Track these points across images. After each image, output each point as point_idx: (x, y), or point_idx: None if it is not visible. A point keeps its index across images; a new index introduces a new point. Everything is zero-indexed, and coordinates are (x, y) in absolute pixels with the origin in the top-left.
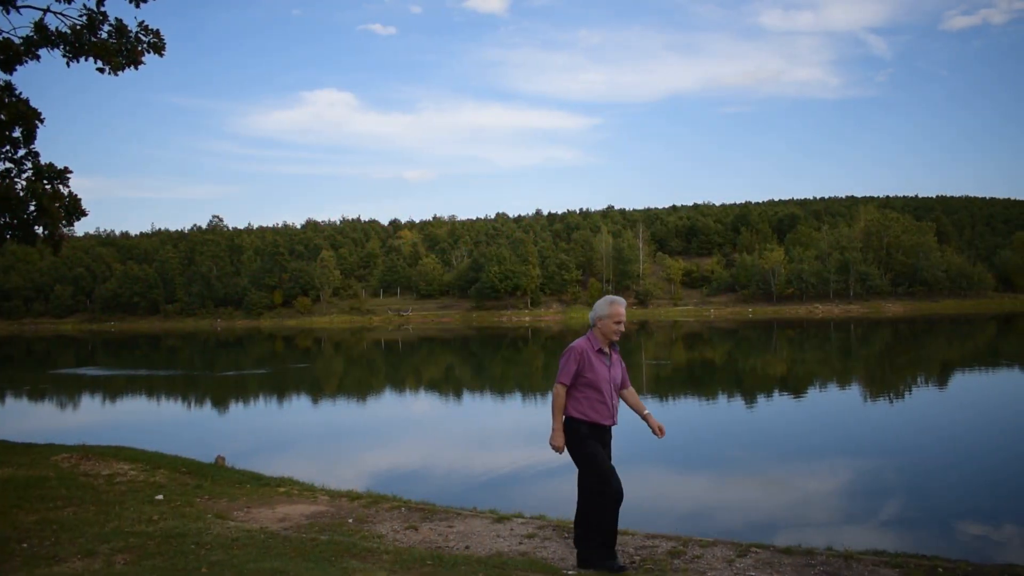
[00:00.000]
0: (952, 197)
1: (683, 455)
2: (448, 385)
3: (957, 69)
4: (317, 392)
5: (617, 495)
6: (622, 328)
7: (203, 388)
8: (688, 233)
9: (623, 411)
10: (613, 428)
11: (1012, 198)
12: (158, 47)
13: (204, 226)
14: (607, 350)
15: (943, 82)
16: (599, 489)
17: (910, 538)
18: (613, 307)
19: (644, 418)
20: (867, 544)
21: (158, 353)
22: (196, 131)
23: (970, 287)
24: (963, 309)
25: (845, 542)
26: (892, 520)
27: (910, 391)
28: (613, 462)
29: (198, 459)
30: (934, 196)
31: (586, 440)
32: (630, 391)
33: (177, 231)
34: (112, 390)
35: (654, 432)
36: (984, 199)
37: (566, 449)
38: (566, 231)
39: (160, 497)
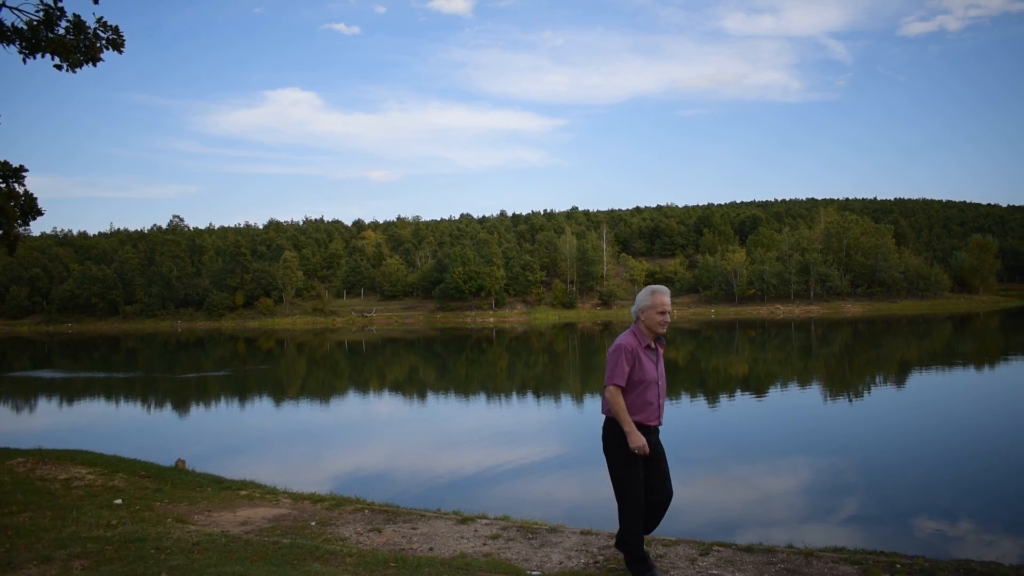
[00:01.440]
0: (910, 200)
1: None
2: (412, 386)
3: (915, 74)
4: (279, 394)
5: (642, 513)
6: (667, 319)
7: (163, 390)
8: (651, 234)
9: (684, 411)
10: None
11: (968, 201)
12: (117, 44)
13: (164, 226)
14: (654, 345)
15: (901, 87)
16: (625, 503)
17: (869, 535)
18: (656, 297)
19: None
20: (827, 541)
21: (117, 355)
22: (156, 130)
23: (927, 288)
24: (920, 309)
25: (806, 540)
26: (852, 517)
27: (869, 391)
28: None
29: (158, 463)
30: (892, 199)
31: (626, 450)
32: None
33: (137, 231)
34: (70, 393)
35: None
36: (941, 202)
37: (605, 452)
38: (530, 232)
39: (119, 501)
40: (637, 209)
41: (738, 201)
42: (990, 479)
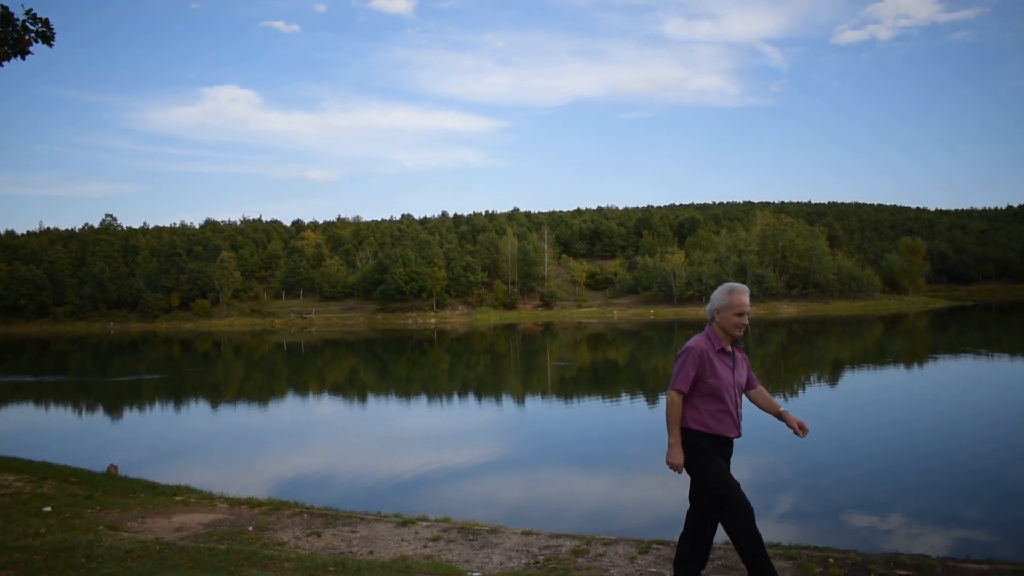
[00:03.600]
0: (843, 203)
1: (587, 454)
2: (352, 388)
3: (847, 81)
4: (216, 397)
5: (750, 510)
6: (746, 321)
7: (95, 394)
8: (592, 236)
9: (625, 411)
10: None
11: (898, 205)
12: (47, 37)
13: (96, 225)
14: (730, 348)
15: (834, 93)
16: (731, 508)
17: (803, 530)
18: (734, 296)
19: (780, 416)
20: (763, 537)
21: (46, 358)
22: (88, 126)
23: (859, 289)
24: (853, 310)
25: None
26: (786, 514)
27: (803, 389)
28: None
29: (89, 469)
30: (826, 202)
31: (707, 453)
32: (758, 391)
33: (67, 230)
34: None
35: (794, 431)
36: (872, 205)
37: (685, 468)
38: (472, 233)
39: (48, 509)
40: (578, 211)
41: (677, 203)
42: (920, 474)
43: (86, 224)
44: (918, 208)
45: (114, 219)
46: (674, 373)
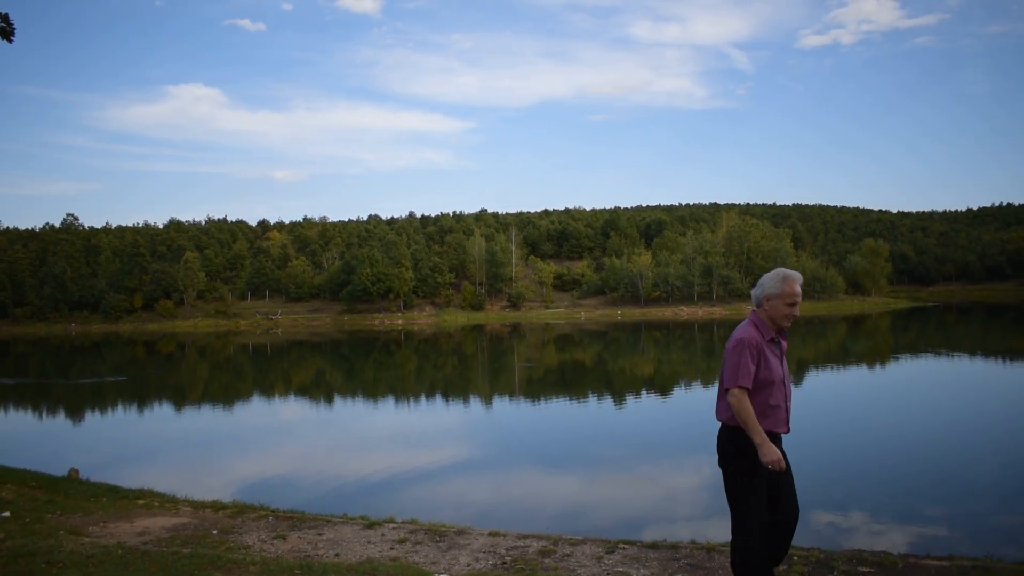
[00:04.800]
0: (807, 205)
1: (554, 455)
2: (319, 390)
3: (811, 84)
4: (180, 400)
5: (756, 554)
6: (797, 312)
7: (56, 397)
8: (559, 237)
9: (592, 411)
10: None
11: (861, 207)
12: (6, 32)
13: (57, 225)
14: (777, 338)
15: (799, 96)
16: (738, 537)
17: None
18: (788, 284)
19: None
20: (728, 536)
21: (6, 360)
22: (50, 124)
23: (823, 290)
24: (817, 311)
25: (708, 535)
26: None
27: None
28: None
29: (49, 473)
30: (790, 204)
31: (747, 464)
32: None
33: (27, 230)
34: None
35: None
36: (836, 207)
37: (720, 465)
38: (439, 234)
39: (6, 514)
40: (545, 212)
41: (644, 205)
42: (881, 472)
43: (47, 224)
44: (880, 210)
45: (75, 219)
46: (731, 368)
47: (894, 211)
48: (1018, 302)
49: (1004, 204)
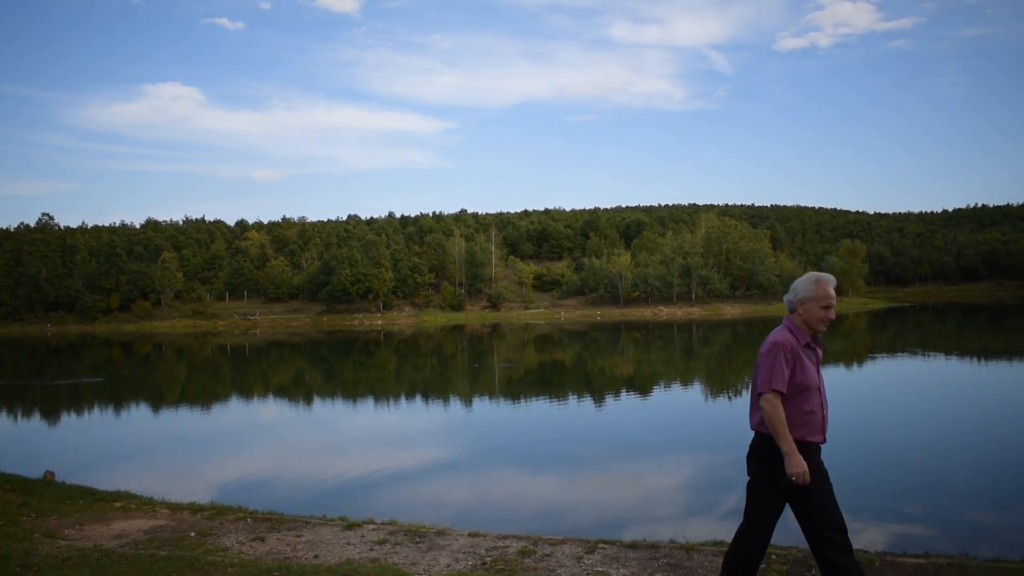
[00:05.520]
0: (785, 206)
1: (534, 455)
2: (298, 391)
3: (789, 86)
4: (157, 401)
5: (753, 560)
6: (832, 315)
7: (31, 399)
8: (539, 237)
9: (572, 412)
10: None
11: (838, 208)
12: None
13: (33, 224)
14: (812, 343)
15: (777, 98)
16: (745, 542)
17: None
18: (821, 287)
19: None
20: (708, 535)
21: None
22: (26, 123)
23: None
24: None
25: (688, 534)
26: (730, 512)
27: (747, 388)
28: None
29: (24, 475)
30: (769, 205)
31: (774, 469)
32: None
33: (2, 229)
34: None
35: None
36: (814, 208)
37: (750, 474)
38: (419, 234)
39: None
40: (525, 212)
41: (623, 206)
42: (858, 471)
43: (22, 223)
44: (858, 212)
45: (51, 218)
46: (765, 372)
47: (871, 212)
48: (992, 302)
49: (979, 206)
